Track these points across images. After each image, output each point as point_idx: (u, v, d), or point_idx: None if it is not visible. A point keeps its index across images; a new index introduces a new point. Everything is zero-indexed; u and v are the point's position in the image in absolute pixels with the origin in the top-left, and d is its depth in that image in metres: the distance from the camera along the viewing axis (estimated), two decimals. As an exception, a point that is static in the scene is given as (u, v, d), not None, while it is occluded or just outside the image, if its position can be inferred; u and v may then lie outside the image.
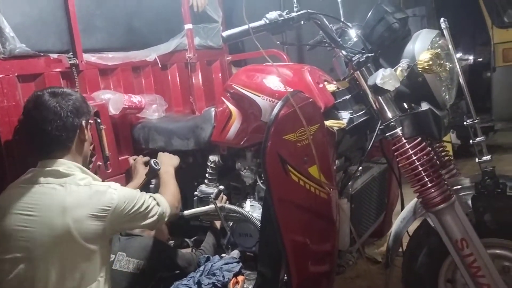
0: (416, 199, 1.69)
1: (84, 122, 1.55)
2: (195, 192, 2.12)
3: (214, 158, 2.06)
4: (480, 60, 4.71)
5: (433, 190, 1.56)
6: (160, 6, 2.65)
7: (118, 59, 2.30)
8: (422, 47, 1.60)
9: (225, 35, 1.66)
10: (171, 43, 2.69)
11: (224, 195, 2.05)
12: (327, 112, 1.81)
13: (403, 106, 1.71)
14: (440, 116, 1.62)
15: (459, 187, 1.66)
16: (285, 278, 1.72)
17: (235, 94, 1.91)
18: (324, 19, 1.73)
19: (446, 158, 1.83)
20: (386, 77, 1.54)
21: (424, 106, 1.63)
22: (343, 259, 1.98)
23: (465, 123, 1.64)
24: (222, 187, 2.06)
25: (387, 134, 1.63)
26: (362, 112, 1.81)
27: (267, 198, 1.67)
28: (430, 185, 1.57)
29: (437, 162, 1.67)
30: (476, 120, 1.62)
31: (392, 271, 1.88)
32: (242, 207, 1.99)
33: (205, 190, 2.08)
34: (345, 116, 1.84)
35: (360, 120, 1.81)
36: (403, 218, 1.82)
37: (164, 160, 2.04)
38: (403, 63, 1.60)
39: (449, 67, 1.65)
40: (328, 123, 1.76)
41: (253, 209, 1.97)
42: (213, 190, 2.06)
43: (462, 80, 1.63)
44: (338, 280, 1.92)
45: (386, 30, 1.61)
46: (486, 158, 1.58)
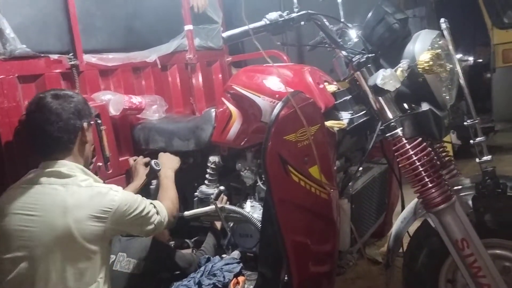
0: (416, 199, 1.69)
1: (85, 124, 1.56)
2: (196, 193, 2.12)
3: (214, 158, 2.06)
4: (480, 61, 4.71)
5: (433, 191, 1.56)
6: (161, 7, 2.66)
7: (118, 60, 2.30)
8: (422, 47, 1.60)
9: (225, 35, 1.66)
10: (171, 44, 2.69)
11: (224, 196, 2.05)
12: (327, 113, 1.81)
13: (404, 106, 1.71)
14: (440, 117, 1.62)
15: (459, 187, 1.66)
16: (285, 278, 1.72)
17: (235, 94, 1.91)
18: (325, 20, 1.73)
19: (446, 159, 1.83)
20: (386, 77, 1.54)
21: (425, 107, 1.64)
22: (344, 259, 1.97)
23: (465, 123, 1.64)
24: (222, 187, 2.07)
25: (388, 135, 1.63)
26: (362, 112, 1.81)
27: (267, 199, 1.67)
28: (430, 185, 1.57)
29: (437, 163, 1.67)
30: (476, 120, 1.62)
31: (393, 271, 1.88)
32: (243, 208, 1.99)
33: (205, 191, 2.08)
34: (345, 116, 1.84)
35: (360, 121, 1.81)
36: (403, 218, 1.81)
37: (164, 162, 2.03)
38: (404, 64, 1.60)
39: (449, 68, 1.65)
40: (329, 123, 1.76)
41: (253, 209, 1.97)
42: (213, 191, 2.06)
43: (462, 80, 1.63)
44: (338, 281, 1.92)
45: (386, 30, 1.62)
46: (487, 158, 1.58)
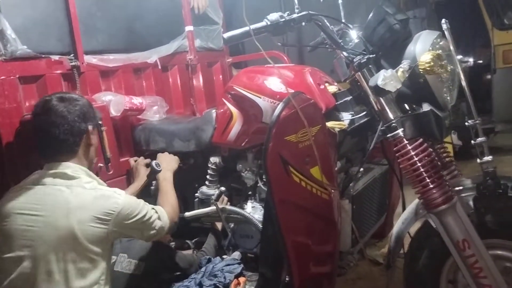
0: (417, 200, 1.69)
1: (90, 127, 1.58)
2: (196, 194, 2.12)
3: (215, 159, 2.06)
4: (480, 62, 4.71)
5: (434, 191, 1.56)
6: (161, 8, 2.66)
7: (119, 60, 2.31)
8: (423, 48, 1.60)
9: (226, 36, 1.66)
10: (172, 45, 2.69)
11: (225, 197, 2.05)
12: (328, 113, 1.81)
13: (404, 107, 1.71)
14: (441, 117, 1.62)
15: (460, 188, 1.66)
16: (286, 279, 1.72)
17: (236, 95, 1.91)
18: (325, 21, 1.73)
19: (447, 159, 1.82)
20: (387, 78, 1.54)
21: (426, 107, 1.63)
22: (344, 260, 1.97)
23: (466, 123, 1.64)
24: (223, 188, 2.07)
25: (388, 135, 1.63)
26: (363, 113, 1.81)
27: (268, 199, 1.67)
28: (431, 186, 1.56)
29: (438, 163, 1.67)
30: (477, 121, 1.62)
31: (394, 272, 1.87)
32: (243, 209, 1.98)
33: (206, 192, 2.08)
34: (346, 117, 1.84)
35: (361, 121, 1.81)
36: (404, 219, 1.81)
37: (163, 163, 2.02)
38: (404, 64, 1.60)
39: (450, 68, 1.64)
40: (329, 124, 1.76)
41: (254, 210, 1.97)
42: (214, 192, 2.06)
43: (463, 81, 1.63)
44: (339, 281, 1.91)
45: (387, 31, 1.61)
46: (488, 158, 1.58)
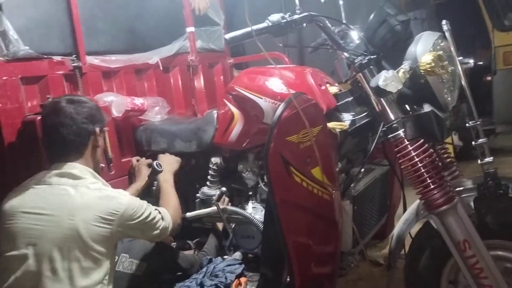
0: (418, 201, 1.69)
1: (98, 129, 1.60)
2: (197, 194, 2.12)
3: (216, 160, 2.06)
4: (481, 63, 4.71)
5: (435, 192, 1.56)
6: (163, 9, 2.66)
7: (121, 61, 2.31)
8: (424, 49, 1.60)
9: (228, 37, 1.67)
10: (173, 46, 2.70)
11: (226, 197, 2.05)
12: (329, 114, 1.81)
13: (405, 108, 1.71)
14: (442, 118, 1.62)
15: (461, 188, 1.66)
16: (287, 279, 1.73)
17: (237, 96, 1.91)
18: (326, 22, 1.73)
19: (448, 160, 1.83)
20: (388, 79, 1.54)
21: (427, 108, 1.63)
22: (345, 261, 1.97)
23: (467, 124, 1.64)
24: (224, 189, 2.07)
25: (389, 136, 1.63)
26: (364, 114, 1.80)
27: (269, 200, 1.67)
28: (432, 186, 1.57)
29: (439, 164, 1.67)
30: (478, 122, 1.62)
31: (395, 273, 1.87)
32: (245, 209, 1.99)
33: (207, 192, 2.08)
34: (347, 118, 1.84)
35: (362, 122, 1.80)
36: (405, 220, 1.81)
37: (164, 164, 2.03)
38: (405, 65, 1.60)
39: (451, 69, 1.65)
40: (331, 125, 1.76)
41: (255, 211, 1.97)
42: (215, 192, 2.06)
43: (464, 81, 1.63)
44: (340, 282, 1.91)
45: (388, 32, 1.62)
46: (488, 159, 1.58)
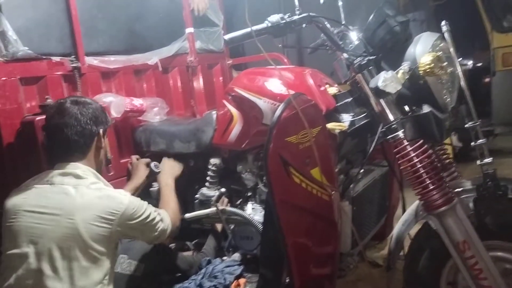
0: (417, 201, 1.69)
1: (101, 130, 1.61)
2: (196, 195, 2.11)
3: (215, 161, 2.06)
4: (480, 64, 4.71)
5: (434, 193, 1.57)
6: (162, 10, 2.66)
7: (120, 62, 2.31)
8: (423, 50, 1.60)
9: (227, 38, 1.67)
10: (172, 46, 2.70)
11: (225, 198, 2.05)
12: (328, 115, 1.81)
13: (405, 108, 1.71)
14: (441, 119, 1.63)
15: (460, 189, 1.66)
16: (286, 280, 1.72)
17: (236, 97, 1.91)
18: (326, 22, 1.73)
19: (447, 161, 1.83)
20: (387, 79, 1.55)
21: (426, 109, 1.64)
22: (344, 262, 1.97)
23: (466, 125, 1.64)
24: (223, 190, 2.07)
25: (389, 137, 1.63)
26: (363, 114, 1.81)
27: (268, 200, 1.68)
28: (431, 187, 1.57)
29: (438, 165, 1.67)
30: (477, 123, 1.62)
31: (394, 274, 1.87)
32: (244, 210, 1.99)
33: (206, 193, 2.08)
34: (346, 118, 1.84)
35: (361, 123, 1.81)
36: (404, 220, 1.81)
37: (165, 168, 2.03)
38: (405, 66, 1.60)
39: (450, 70, 1.65)
40: (330, 125, 1.76)
41: (254, 211, 1.97)
42: (214, 193, 2.06)
43: (463, 82, 1.63)
44: (339, 283, 1.91)
45: (387, 33, 1.62)
46: (488, 160, 1.58)
